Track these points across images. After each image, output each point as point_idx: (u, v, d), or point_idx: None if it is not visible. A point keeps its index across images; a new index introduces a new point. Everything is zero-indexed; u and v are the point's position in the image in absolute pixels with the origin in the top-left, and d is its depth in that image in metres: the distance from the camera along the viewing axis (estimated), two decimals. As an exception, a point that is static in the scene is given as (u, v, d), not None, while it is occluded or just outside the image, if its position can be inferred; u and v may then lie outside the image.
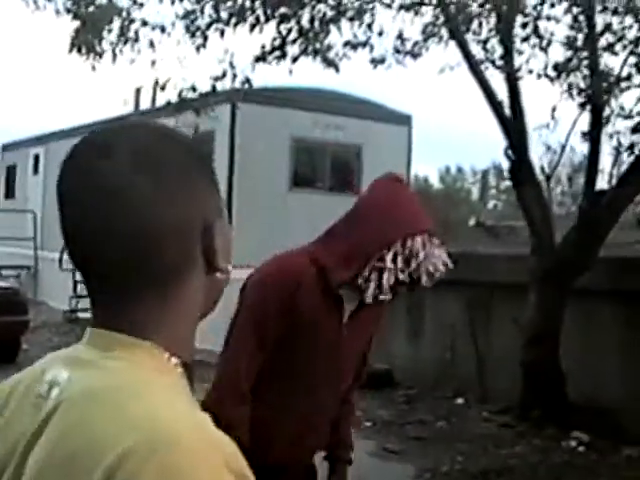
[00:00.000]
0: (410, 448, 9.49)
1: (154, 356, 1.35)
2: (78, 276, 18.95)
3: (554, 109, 9.60)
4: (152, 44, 10.25)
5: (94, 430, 1.23)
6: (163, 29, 10.25)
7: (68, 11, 9.75)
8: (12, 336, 14.43)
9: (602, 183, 10.48)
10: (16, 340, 14.50)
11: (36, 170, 26.35)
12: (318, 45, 10.11)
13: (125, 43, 10.30)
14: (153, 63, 10.40)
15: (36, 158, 26.39)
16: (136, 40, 10.07)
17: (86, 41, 9.78)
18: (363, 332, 3.38)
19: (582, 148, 10.31)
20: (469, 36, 9.84)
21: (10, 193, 28.30)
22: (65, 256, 19.64)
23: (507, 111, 10.15)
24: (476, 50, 9.98)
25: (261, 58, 10.47)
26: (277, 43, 10.23)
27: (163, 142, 1.40)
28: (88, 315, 18.14)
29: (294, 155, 18.20)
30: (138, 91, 20.44)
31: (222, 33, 10.09)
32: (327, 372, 3.25)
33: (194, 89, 10.93)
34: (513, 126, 10.05)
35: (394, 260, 3.04)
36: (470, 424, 10.31)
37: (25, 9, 10.21)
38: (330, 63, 10.48)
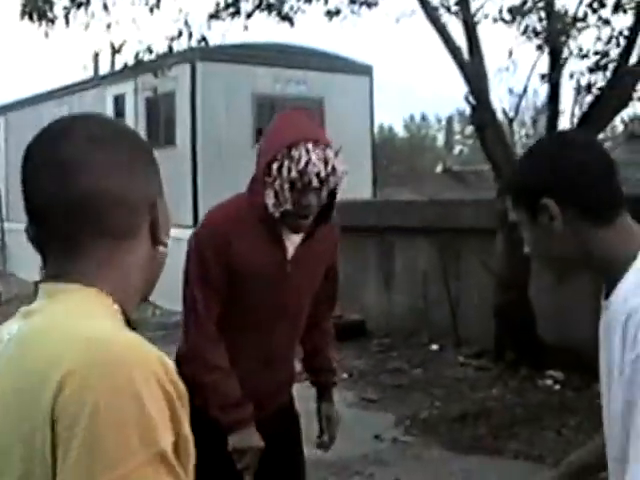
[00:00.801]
0: (388, 396, 9.57)
1: (98, 296, 1.51)
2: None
3: (511, 52, 9.61)
4: (106, 7, 10.15)
5: (38, 355, 1.40)
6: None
7: None
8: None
9: (565, 124, 10.52)
10: (-12, 313, 14.48)
11: (-4, 141, 26.09)
12: (272, 1, 10.06)
13: (78, 7, 10.19)
14: (108, 27, 10.30)
15: (-4, 129, 26.12)
16: (88, 3, 9.95)
17: (37, 7, 9.67)
18: (314, 263, 3.51)
19: (545, 90, 10.26)
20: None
21: (-29, 164, 28.00)
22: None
23: (466, 56, 10.14)
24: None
25: (215, 15, 10.40)
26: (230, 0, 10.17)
27: (113, 130, 1.63)
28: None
29: (256, 111, 18.10)
30: (96, 56, 20.26)
31: None
32: (274, 307, 3.41)
33: (150, 50, 10.82)
34: (472, 71, 10.04)
35: (279, 170, 3.17)
36: (446, 369, 10.41)
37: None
38: (285, 17, 10.43)
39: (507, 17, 9.32)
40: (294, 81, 18.47)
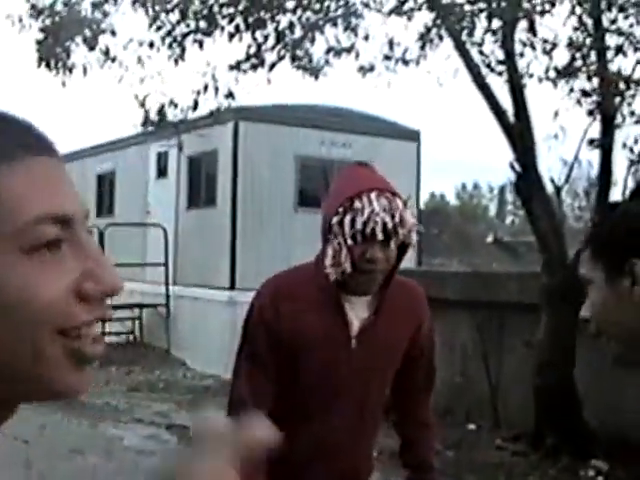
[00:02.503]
0: (417, 480, 8.96)
1: None
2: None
3: (557, 114, 9.09)
4: (140, 60, 9.85)
5: None
6: (152, 44, 9.82)
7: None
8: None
9: (617, 195, 9.96)
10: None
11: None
12: (298, 52, 9.66)
13: (113, 61, 9.91)
14: (142, 80, 10.00)
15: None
16: (107, 53, 9.65)
17: (54, 54, 9.36)
18: (388, 339, 3.09)
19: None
20: (466, 39, 9.32)
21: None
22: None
23: (512, 120, 9.64)
24: (476, 56, 9.50)
25: (236, 67, 10.01)
26: (253, 50, 9.78)
27: None
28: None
29: (299, 174, 17.77)
30: (146, 112, 20.17)
31: (201, 44, 9.65)
32: (335, 390, 3.03)
33: (175, 104, 10.46)
34: (518, 136, 9.54)
35: (340, 224, 2.85)
36: (481, 453, 9.79)
37: (11, 28, 9.89)
38: (312, 71, 10.02)
39: (554, 76, 8.81)
40: (339, 144, 18.18)
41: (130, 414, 12.23)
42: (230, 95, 10.48)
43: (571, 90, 8.92)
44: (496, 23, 9.13)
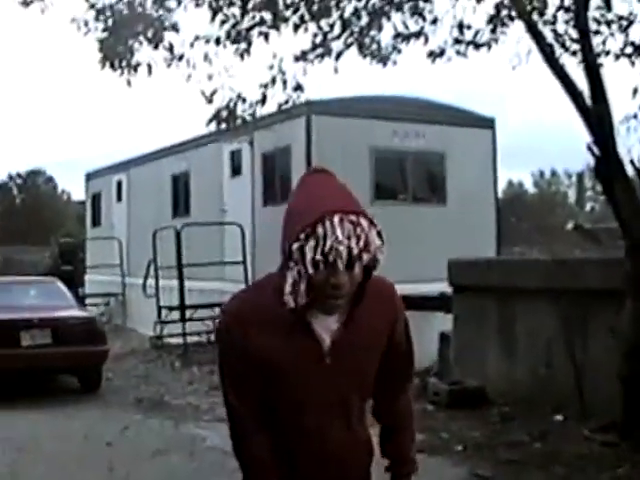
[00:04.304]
0: (503, 473, 8.78)
1: None
2: (162, 301, 18.73)
3: (635, 91, 8.80)
4: (207, 57, 9.78)
5: None
6: (218, 41, 9.74)
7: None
8: (92, 366, 14.39)
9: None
10: (96, 370, 14.35)
11: (119, 197, 26.31)
12: (365, 39, 9.48)
13: (180, 59, 9.85)
14: (210, 77, 9.94)
15: (119, 185, 26.35)
16: (171, 50, 9.59)
17: (117, 54, 9.32)
18: (364, 344, 3.00)
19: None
20: (537, 18, 9.07)
21: (97, 221, 28.44)
22: (149, 281, 19.44)
23: (589, 102, 9.37)
24: (549, 37, 9.23)
25: (302, 57, 9.88)
26: (319, 40, 9.63)
27: None
28: (174, 341, 17.96)
29: (374, 167, 17.62)
30: (218, 111, 20.21)
31: (266, 37, 9.54)
32: (321, 404, 2.97)
33: (243, 99, 10.37)
34: (596, 118, 9.27)
35: (300, 251, 2.72)
36: (568, 444, 9.54)
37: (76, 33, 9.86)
38: (381, 58, 9.84)
39: (630, 51, 8.54)
40: (413, 134, 17.98)
41: (212, 414, 12.20)
42: (299, 87, 10.37)
43: (651, 66, 8.65)
44: (568, 0, 8.90)
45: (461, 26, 9.84)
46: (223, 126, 11.18)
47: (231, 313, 2.95)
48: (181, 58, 9.90)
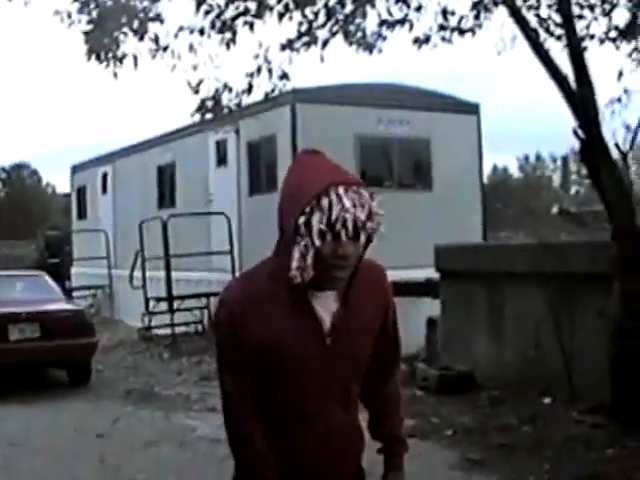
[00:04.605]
0: (494, 457, 8.84)
1: None
2: (150, 292, 18.72)
3: (621, 73, 8.82)
4: (192, 48, 9.77)
5: None
6: (202, 31, 9.73)
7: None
8: (81, 359, 14.34)
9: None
10: (86, 362, 14.34)
11: (105, 189, 26.26)
12: (351, 27, 9.48)
13: (164, 50, 9.83)
14: (194, 68, 9.92)
15: (104, 177, 26.30)
16: (157, 41, 9.57)
17: (103, 46, 9.29)
18: (360, 326, 3.02)
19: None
20: (521, 3, 9.08)
21: (82, 214, 28.37)
22: (135, 273, 19.43)
23: (574, 86, 9.39)
24: (532, 21, 9.24)
25: (288, 46, 9.88)
26: (304, 28, 9.63)
27: None
28: (162, 332, 17.95)
29: (360, 154, 17.64)
30: (202, 101, 20.19)
31: (251, 26, 9.53)
32: (321, 387, 2.99)
33: (229, 88, 10.37)
34: (581, 102, 9.29)
35: (306, 225, 2.72)
36: (558, 426, 9.60)
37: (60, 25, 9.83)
38: (367, 46, 9.84)
39: (615, 36, 8.55)
40: (398, 121, 17.98)
41: (202, 403, 12.23)
42: (284, 76, 10.37)
43: (635, 49, 8.66)
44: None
45: (445, 12, 9.85)
46: (209, 116, 11.18)
47: (229, 302, 2.94)
48: (166, 49, 9.88)
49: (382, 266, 3.14)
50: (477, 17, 9.71)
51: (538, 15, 9.21)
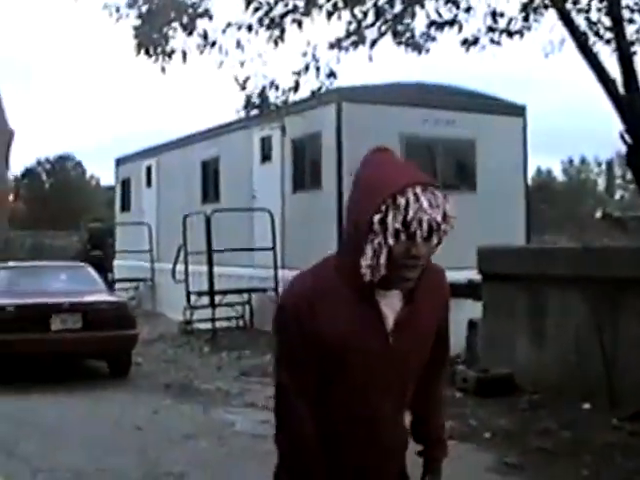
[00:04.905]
0: (531, 461, 8.80)
1: None
2: (192, 287, 18.79)
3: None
4: (239, 44, 9.81)
5: None
6: (250, 27, 9.76)
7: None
8: (121, 350, 14.43)
9: None
10: (126, 354, 14.41)
11: (149, 182, 26.38)
12: (399, 27, 9.47)
13: (212, 46, 9.88)
14: (242, 64, 9.96)
15: (148, 170, 26.42)
16: (205, 37, 9.62)
17: (152, 41, 9.34)
18: (422, 327, 3.03)
19: None
20: (571, 7, 9.04)
21: (126, 206, 28.53)
22: (178, 267, 19.51)
23: (622, 90, 9.33)
24: (582, 24, 9.20)
25: (336, 45, 9.88)
26: (352, 28, 9.63)
27: None
28: (203, 326, 18.03)
29: (405, 153, 17.59)
30: (249, 97, 20.25)
31: (299, 24, 9.55)
32: (378, 386, 2.98)
33: (276, 86, 10.39)
34: (628, 106, 9.23)
35: (381, 223, 2.71)
36: (597, 432, 9.54)
37: (108, 19, 9.90)
38: (415, 46, 9.83)
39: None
40: (443, 122, 17.93)
41: (241, 399, 12.27)
42: (332, 74, 10.38)
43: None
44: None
45: (494, 14, 9.82)
46: (255, 112, 11.21)
47: (295, 298, 2.93)
48: (214, 45, 9.93)
49: (442, 267, 3.15)
50: (526, 19, 9.67)
51: (588, 18, 9.17)
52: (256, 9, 9.67)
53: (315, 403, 2.96)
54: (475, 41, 9.98)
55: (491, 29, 9.85)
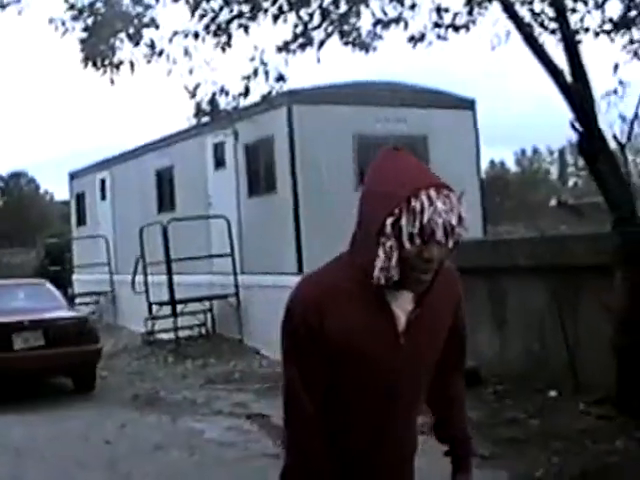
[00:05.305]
0: (503, 451, 8.84)
1: None
2: (152, 297, 18.72)
3: (617, 67, 8.84)
4: (187, 52, 9.79)
5: None
6: (197, 35, 9.75)
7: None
8: (86, 365, 14.33)
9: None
10: (90, 369, 14.34)
11: (104, 195, 26.26)
12: (346, 27, 9.50)
13: (160, 55, 9.86)
14: (190, 72, 9.94)
15: (102, 183, 26.31)
16: (152, 47, 9.60)
17: (99, 53, 9.31)
18: (433, 328, 2.99)
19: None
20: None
21: (82, 220, 28.38)
22: (137, 278, 19.43)
23: (569, 79, 9.41)
24: (526, 16, 9.27)
25: (284, 48, 9.89)
26: (299, 30, 9.65)
27: None
28: (166, 336, 17.97)
29: (358, 153, 17.63)
30: (198, 105, 20.19)
31: (246, 29, 9.55)
32: (387, 387, 2.93)
33: (226, 92, 10.38)
34: (577, 95, 9.31)
35: (394, 226, 2.67)
36: (565, 419, 9.62)
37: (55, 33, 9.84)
38: (362, 45, 9.86)
39: (609, 28, 8.58)
40: (394, 119, 17.97)
41: (209, 407, 12.25)
42: (281, 78, 10.38)
43: (630, 41, 8.67)
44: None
45: (439, 10, 9.87)
46: (206, 119, 11.19)
47: (305, 298, 2.87)
48: (161, 54, 9.91)
49: (454, 266, 3.10)
50: (470, 13, 9.73)
51: (532, 10, 9.23)
52: (202, 16, 9.66)
53: (325, 403, 2.92)
54: (422, 37, 10.02)
55: (437, 25, 9.89)
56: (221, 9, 9.61)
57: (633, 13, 8.51)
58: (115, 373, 16.05)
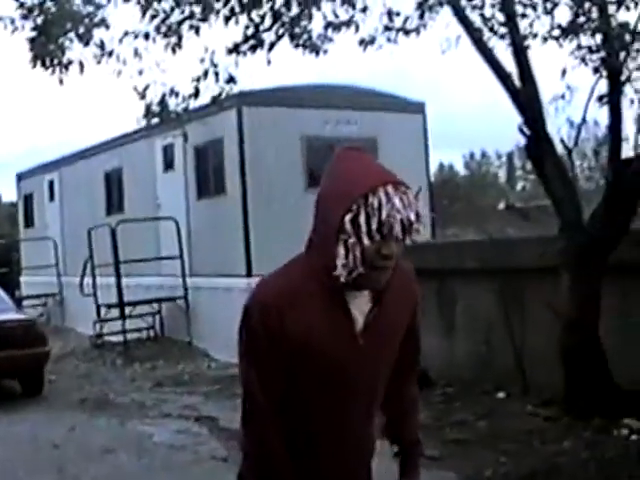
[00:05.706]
0: (451, 452, 8.90)
1: None
2: (101, 299, 18.62)
3: (564, 71, 8.93)
4: (137, 53, 9.75)
5: None
6: (147, 36, 9.71)
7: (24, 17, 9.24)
8: (33, 368, 14.18)
9: (628, 152, 9.79)
10: (38, 372, 14.21)
11: (52, 197, 26.08)
12: (297, 29, 9.51)
13: (110, 55, 9.81)
14: (140, 73, 9.90)
15: (51, 184, 26.12)
16: (102, 47, 9.55)
17: (48, 52, 9.24)
18: (391, 327, 2.99)
19: (606, 119, 9.54)
20: (465, 3, 9.18)
21: (30, 222, 28.15)
22: (86, 280, 19.31)
23: (518, 84, 9.51)
24: (477, 21, 9.35)
25: (234, 50, 9.89)
26: (250, 32, 9.66)
27: None
28: (114, 339, 17.89)
29: (307, 155, 17.68)
30: (148, 106, 20.08)
31: (197, 30, 9.53)
32: (347, 388, 2.94)
33: (175, 93, 10.35)
34: (525, 99, 9.41)
35: (353, 223, 2.67)
36: (513, 420, 9.70)
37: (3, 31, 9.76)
38: (312, 48, 9.88)
39: (558, 34, 8.66)
40: (344, 122, 18.04)
41: (158, 409, 12.21)
42: (231, 80, 10.36)
43: (578, 47, 8.76)
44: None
45: (390, 13, 9.90)
46: (156, 121, 11.15)
47: (264, 299, 2.86)
48: (111, 54, 9.84)
49: (411, 265, 3.10)
50: (422, 17, 9.77)
51: (482, 14, 9.31)
52: (153, 17, 9.62)
53: (284, 403, 2.91)
54: (372, 40, 10.03)
55: (387, 28, 9.91)
56: (172, 10, 9.58)
57: (581, 19, 8.59)
58: (63, 376, 15.94)
